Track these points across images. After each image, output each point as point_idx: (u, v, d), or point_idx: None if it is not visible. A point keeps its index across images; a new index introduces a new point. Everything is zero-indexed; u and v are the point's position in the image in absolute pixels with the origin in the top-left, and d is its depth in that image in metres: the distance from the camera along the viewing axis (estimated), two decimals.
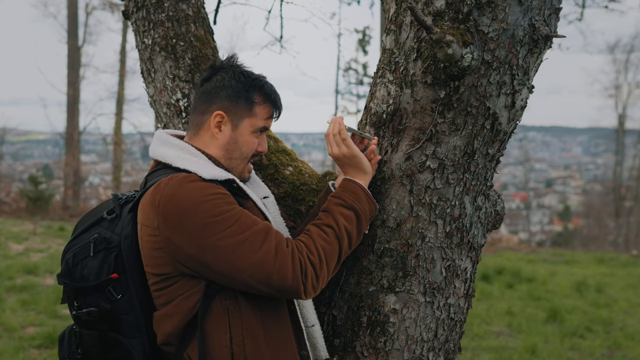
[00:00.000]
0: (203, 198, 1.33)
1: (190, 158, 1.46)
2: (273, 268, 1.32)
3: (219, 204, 1.34)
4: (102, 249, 1.43)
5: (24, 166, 30.67)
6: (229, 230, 1.32)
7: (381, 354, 1.61)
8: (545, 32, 1.44)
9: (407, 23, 1.50)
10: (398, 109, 1.53)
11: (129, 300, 1.43)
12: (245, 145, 1.52)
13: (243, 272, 1.32)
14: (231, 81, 1.51)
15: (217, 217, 1.32)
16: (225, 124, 1.51)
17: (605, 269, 10.67)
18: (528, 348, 5.13)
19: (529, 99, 1.54)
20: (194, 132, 1.54)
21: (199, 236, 1.31)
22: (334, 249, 1.43)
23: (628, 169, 30.29)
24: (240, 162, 1.54)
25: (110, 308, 1.41)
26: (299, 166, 1.98)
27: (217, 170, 1.44)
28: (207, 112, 1.52)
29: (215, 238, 1.31)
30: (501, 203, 1.76)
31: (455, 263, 1.62)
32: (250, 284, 1.34)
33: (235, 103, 1.50)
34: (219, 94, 1.51)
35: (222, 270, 1.33)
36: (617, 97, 27.68)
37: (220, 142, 1.52)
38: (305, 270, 1.36)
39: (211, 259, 1.32)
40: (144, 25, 2.10)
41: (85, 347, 1.44)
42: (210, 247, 1.31)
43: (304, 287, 1.36)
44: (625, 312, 6.93)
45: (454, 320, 1.67)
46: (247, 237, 1.33)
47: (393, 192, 1.58)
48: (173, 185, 1.35)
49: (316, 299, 1.71)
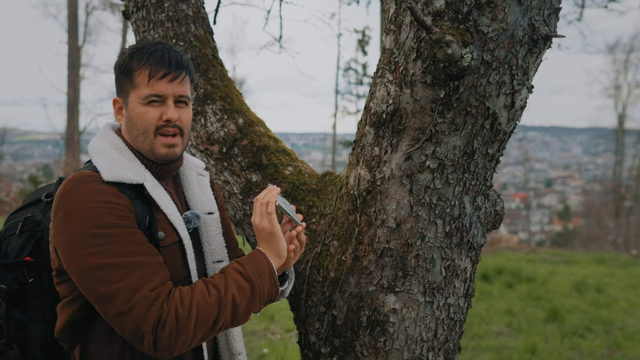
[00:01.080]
0: (91, 204, 1.23)
1: (111, 154, 1.36)
2: (124, 307, 1.19)
3: (105, 214, 1.23)
4: (28, 230, 1.43)
5: (24, 166, 30.66)
6: (101, 248, 1.21)
7: (381, 353, 1.61)
8: (544, 32, 1.44)
9: (407, 23, 1.50)
10: (398, 109, 1.53)
11: (40, 286, 1.41)
12: (138, 118, 1.36)
13: (96, 300, 1.22)
14: (117, 63, 1.41)
15: (96, 229, 1.22)
16: (122, 107, 1.41)
17: (605, 268, 10.68)
18: (528, 348, 5.13)
19: (528, 99, 1.54)
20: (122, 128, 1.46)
21: (73, 244, 1.22)
22: (210, 313, 1.26)
23: (628, 169, 30.31)
24: (143, 138, 1.38)
25: (18, 289, 1.40)
26: (298, 166, 1.98)
27: (131, 172, 1.33)
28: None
29: (85, 252, 1.21)
30: (501, 203, 1.76)
31: (454, 263, 1.62)
32: (104, 314, 1.23)
33: (119, 81, 1.40)
34: (115, 80, 1.42)
35: (82, 288, 1.24)
36: (617, 97, 27.71)
37: (123, 128, 1.42)
38: (165, 322, 1.21)
39: (75, 272, 1.23)
40: (144, 25, 2.11)
41: (1, 320, 1.45)
42: (77, 259, 1.22)
43: (155, 339, 1.20)
44: (625, 312, 6.94)
45: (454, 320, 1.67)
46: (114, 264, 1.20)
47: (393, 192, 1.58)
48: (72, 182, 1.27)
49: (316, 298, 1.71)
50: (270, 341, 5.03)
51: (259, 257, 1.39)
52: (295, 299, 1.81)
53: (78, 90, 17.72)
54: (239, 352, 1.56)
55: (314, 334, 1.72)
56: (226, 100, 2.03)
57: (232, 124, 2.00)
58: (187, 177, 1.56)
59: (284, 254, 1.42)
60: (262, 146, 1.98)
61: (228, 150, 1.97)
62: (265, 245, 1.41)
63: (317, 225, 1.79)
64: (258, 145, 1.98)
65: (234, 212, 1.98)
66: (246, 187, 1.94)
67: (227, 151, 1.97)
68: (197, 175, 1.59)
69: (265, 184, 1.93)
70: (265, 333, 5.33)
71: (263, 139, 2.00)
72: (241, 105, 2.08)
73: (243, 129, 2.00)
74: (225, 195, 1.98)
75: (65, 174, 17.95)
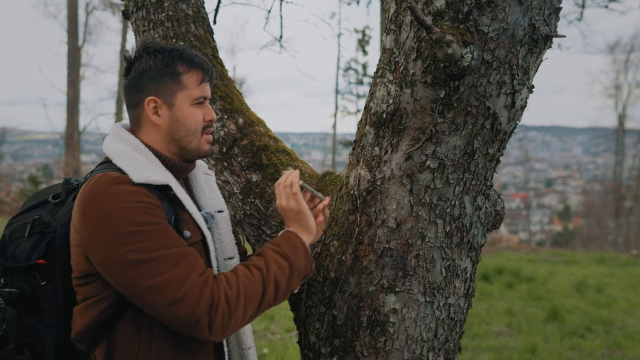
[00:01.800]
0: (125, 204, 1.25)
1: (133, 155, 1.38)
2: (176, 294, 1.22)
3: (140, 213, 1.26)
4: (38, 232, 1.40)
5: (24, 166, 30.68)
6: (141, 245, 1.23)
7: (381, 353, 1.61)
8: (545, 31, 1.44)
9: (407, 23, 1.50)
10: (398, 109, 1.53)
11: (53, 289, 1.39)
12: (189, 119, 1.43)
13: (144, 292, 1.23)
14: (149, 63, 1.42)
15: (133, 227, 1.24)
16: (161, 107, 1.42)
17: (605, 268, 10.68)
18: (528, 348, 5.14)
19: (529, 99, 1.54)
20: (137, 128, 1.46)
21: (110, 244, 1.24)
22: (257, 292, 1.32)
23: (628, 169, 30.32)
24: (192, 138, 1.44)
25: (31, 293, 1.37)
26: (298, 166, 1.98)
27: (156, 173, 1.36)
28: (139, 103, 1.43)
29: (125, 250, 1.23)
30: (501, 203, 1.76)
31: (455, 263, 1.62)
32: (152, 308, 1.25)
33: (161, 82, 1.41)
34: (143, 80, 1.42)
35: (125, 285, 1.25)
36: (617, 96, 27.72)
37: (163, 128, 1.43)
38: (217, 304, 1.25)
39: (116, 270, 1.25)
40: (144, 25, 2.10)
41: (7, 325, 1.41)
42: (117, 258, 1.24)
43: (211, 323, 1.24)
44: (625, 312, 6.94)
45: (454, 320, 1.67)
46: (157, 257, 1.24)
47: (393, 192, 1.58)
48: (100, 184, 1.29)
49: (316, 298, 1.71)
50: (270, 341, 5.03)
51: (291, 236, 1.46)
52: (295, 299, 1.81)
53: (78, 90, 17.72)
54: (249, 346, 1.57)
55: (314, 334, 1.72)
56: (226, 100, 2.03)
57: (232, 123, 2.00)
58: (196, 177, 1.59)
59: (313, 229, 1.50)
60: (262, 146, 1.98)
61: (228, 150, 1.97)
62: (294, 224, 1.49)
63: None
64: (258, 145, 1.97)
65: (234, 212, 1.98)
66: (246, 187, 1.94)
67: (227, 151, 1.97)
68: (203, 174, 1.62)
69: (265, 184, 1.93)
70: (265, 333, 5.33)
71: (263, 139, 2.00)
72: (241, 105, 2.07)
73: (243, 128, 2.00)
74: (225, 195, 1.98)
75: (66, 173, 17.88)
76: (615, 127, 28.96)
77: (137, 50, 1.45)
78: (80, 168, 17.92)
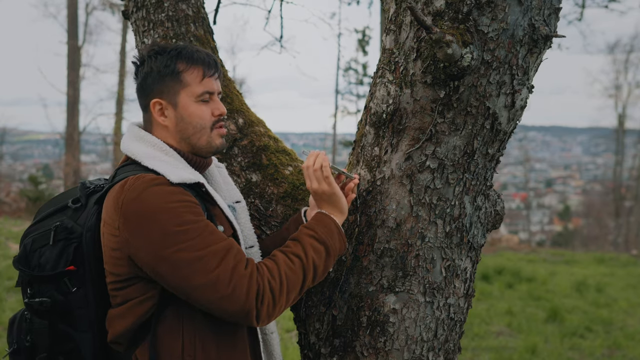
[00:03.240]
0: (167, 205, 1.27)
1: (161, 157, 1.40)
2: (226, 290, 1.26)
3: (183, 212, 1.28)
4: (63, 238, 1.39)
5: (24, 166, 30.70)
6: (188, 244, 1.26)
7: (381, 354, 1.61)
8: (545, 32, 1.44)
9: (407, 23, 1.50)
10: (398, 109, 1.53)
11: (84, 294, 1.38)
12: (194, 117, 1.43)
13: (195, 290, 1.27)
14: (150, 65, 1.43)
15: (178, 227, 1.26)
16: (167, 108, 1.44)
17: (605, 268, 10.68)
18: (528, 348, 5.13)
19: (528, 99, 1.54)
20: (150, 130, 1.48)
21: (157, 244, 1.26)
22: (298, 280, 1.37)
23: (628, 169, 30.32)
24: (200, 135, 1.45)
25: (63, 300, 1.37)
26: (298, 166, 1.98)
27: (187, 172, 1.38)
28: (147, 106, 1.46)
29: (173, 250, 1.26)
30: (501, 203, 1.76)
31: (455, 263, 1.62)
32: (202, 303, 1.29)
33: (163, 83, 1.42)
34: (147, 83, 1.44)
35: (175, 284, 1.28)
36: (617, 96, 27.71)
37: (171, 128, 1.45)
38: (263, 296, 1.29)
39: (165, 270, 1.27)
40: (143, 25, 2.10)
41: (35, 336, 1.41)
42: (165, 258, 1.26)
43: (258, 313, 1.29)
44: (625, 312, 6.94)
45: (454, 320, 1.67)
46: (205, 255, 1.27)
47: (393, 192, 1.58)
48: (138, 186, 1.29)
49: (316, 298, 1.71)
50: None
51: (325, 218, 1.48)
52: None
53: (78, 90, 17.71)
54: (272, 331, 1.60)
55: (314, 334, 1.72)
56: (226, 100, 2.03)
57: (232, 124, 2.00)
58: (210, 171, 1.60)
59: (345, 209, 1.53)
60: (262, 146, 1.98)
61: (228, 150, 1.97)
62: (327, 206, 1.51)
63: None
64: (258, 145, 1.98)
65: None
66: (246, 187, 1.94)
67: (227, 151, 1.97)
68: (216, 167, 1.64)
69: (265, 184, 1.93)
70: None
71: (263, 139, 2.00)
72: (241, 105, 2.07)
73: (243, 128, 2.00)
74: None
75: (66, 174, 17.86)
76: (615, 127, 28.96)
77: (142, 55, 1.47)
78: (80, 168, 17.92)
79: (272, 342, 1.59)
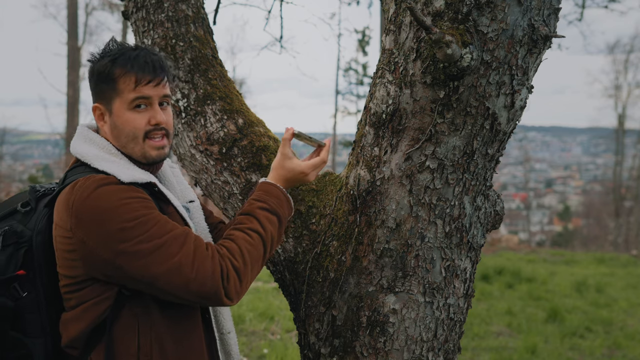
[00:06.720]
0: (119, 201, 1.27)
1: (110, 158, 1.39)
2: (191, 273, 1.27)
3: (136, 207, 1.28)
4: (12, 243, 1.36)
5: (24, 166, 30.68)
6: (145, 235, 1.26)
7: (381, 354, 1.61)
8: (544, 32, 1.44)
9: (407, 23, 1.50)
10: (397, 109, 1.53)
11: (35, 298, 1.36)
12: (126, 125, 1.39)
13: (160, 278, 1.27)
14: (92, 69, 1.41)
15: (133, 221, 1.26)
16: (105, 114, 1.42)
17: (605, 269, 10.68)
18: (528, 348, 5.13)
19: (528, 99, 1.54)
20: (98, 132, 1.47)
21: (114, 240, 1.25)
22: (259, 254, 1.40)
23: (628, 169, 30.32)
24: (133, 144, 1.41)
25: (12, 306, 1.34)
26: None
27: (138, 172, 1.38)
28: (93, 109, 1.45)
29: (131, 243, 1.25)
30: (501, 203, 1.76)
31: (454, 263, 1.62)
32: (169, 291, 1.28)
33: (100, 89, 1.40)
34: (90, 87, 1.42)
35: (138, 276, 1.27)
36: (617, 97, 27.72)
37: (109, 134, 1.43)
38: (227, 275, 1.31)
39: (126, 264, 1.26)
40: (143, 26, 2.10)
41: None
42: (124, 251, 1.25)
43: (226, 292, 1.30)
44: (625, 312, 6.94)
45: (454, 320, 1.67)
46: (165, 242, 1.27)
47: (393, 192, 1.58)
48: (89, 186, 1.29)
49: (315, 299, 1.71)
50: (270, 341, 5.03)
51: (273, 189, 1.52)
52: (295, 299, 1.81)
53: (78, 90, 17.71)
54: (229, 330, 1.59)
55: (314, 334, 1.72)
56: (226, 101, 2.03)
57: (231, 124, 2.00)
58: (163, 171, 1.60)
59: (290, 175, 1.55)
60: (262, 146, 1.98)
61: (228, 150, 1.97)
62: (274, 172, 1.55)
63: (317, 225, 1.79)
64: (258, 145, 1.98)
65: (234, 212, 1.98)
66: (246, 188, 1.94)
67: (226, 151, 1.97)
68: (169, 167, 1.63)
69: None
70: (265, 333, 5.33)
71: (263, 139, 2.00)
72: (241, 105, 2.08)
73: (243, 129, 2.00)
74: (225, 195, 1.98)
75: None
76: (615, 127, 28.96)
77: (91, 56, 1.44)
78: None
79: (230, 341, 1.58)
